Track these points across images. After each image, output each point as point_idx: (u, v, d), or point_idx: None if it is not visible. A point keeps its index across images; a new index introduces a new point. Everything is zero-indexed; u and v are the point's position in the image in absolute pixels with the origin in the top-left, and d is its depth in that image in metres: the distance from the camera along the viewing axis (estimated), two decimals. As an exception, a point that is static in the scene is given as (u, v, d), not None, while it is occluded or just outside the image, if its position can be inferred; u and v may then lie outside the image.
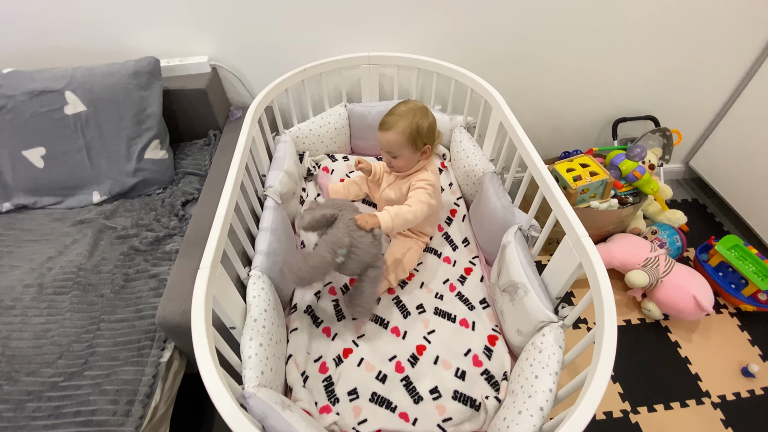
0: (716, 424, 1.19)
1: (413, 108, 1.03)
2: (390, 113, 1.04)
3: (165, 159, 1.27)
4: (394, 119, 1.01)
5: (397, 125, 1.00)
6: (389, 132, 1.01)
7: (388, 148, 1.04)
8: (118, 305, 0.98)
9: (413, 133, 1.01)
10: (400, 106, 1.04)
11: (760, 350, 1.34)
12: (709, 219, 1.82)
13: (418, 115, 1.02)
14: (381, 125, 1.03)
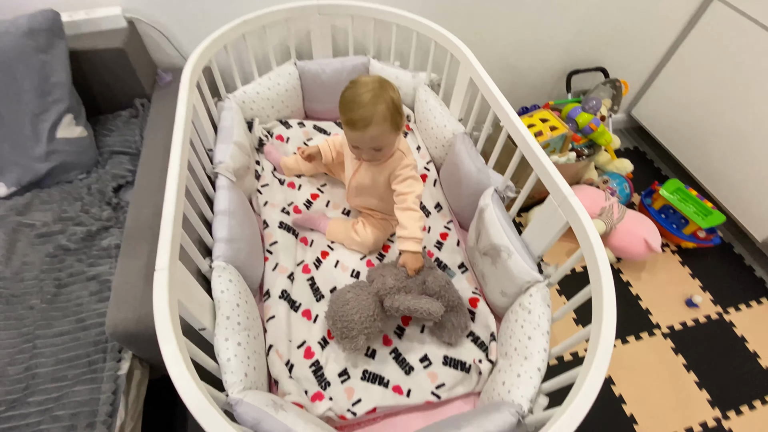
0: (668, 352, 1.33)
1: (375, 85, 0.84)
2: (355, 103, 0.82)
3: (84, 137, 1.06)
4: (368, 109, 0.81)
5: (376, 115, 0.81)
6: (370, 128, 0.82)
7: (372, 144, 0.86)
8: (55, 317, 0.83)
9: (393, 114, 0.84)
10: (358, 90, 0.83)
11: (700, 282, 1.50)
12: (649, 165, 1.95)
13: (387, 89, 0.84)
14: (355, 123, 0.83)
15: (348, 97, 0.84)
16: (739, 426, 1.18)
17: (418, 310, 0.80)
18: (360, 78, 0.87)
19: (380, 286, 0.85)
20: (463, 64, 1.07)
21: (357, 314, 0.81)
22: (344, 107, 0.85)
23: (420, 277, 0.88)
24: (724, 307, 1.43)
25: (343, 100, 0.85)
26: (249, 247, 0.93)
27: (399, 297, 0.83)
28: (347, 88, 0.86)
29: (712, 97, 1.59)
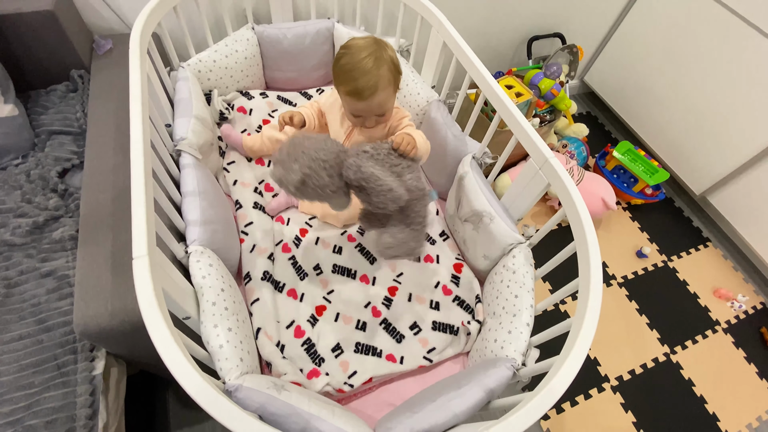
0: (623, 300, 1.46)
1: (373, 47, 0.76)
2: (357, 71, 0.74)
3: (15, 116, 0.92)
4: (373, 75, 0.74)
5: (381, 80, 0.75)
6: (377, 94, 0.75)
7: (378, 111, 0.80)
8: (9, 320, 0.74)
9: (395, 74, 0.78)
10: (358, 56, 0.75)
11: (648, 235, 1.64)
12: (600, 129, 2.06)
13: (384, 49, 0.77)
14: (361, 93, 0.75)
15: (347, 66, 0.75)
16: (685, 358, 1.34)
17: (381, 184, 0.66)
18: (353, 42, 0.78)
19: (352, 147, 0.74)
20: (436, 28, 1.04)
21: (311, 145, 0.66)
22: (345, 77, 0.76)
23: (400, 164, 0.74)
24: (668, 255, 1.59)
25: (342, 69, 0.76)
26: (224, 229, 0.87)
27: (366, 161, 0.69)
28: (342, 55, 0.77)
29: (656, 63, 1.69)
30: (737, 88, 1.43)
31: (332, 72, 0.79)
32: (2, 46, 0.89)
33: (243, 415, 0.47)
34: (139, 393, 1.02)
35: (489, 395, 0.65)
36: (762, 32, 1.32)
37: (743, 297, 1.48)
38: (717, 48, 1.46)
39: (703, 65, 1.52)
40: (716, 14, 1.43)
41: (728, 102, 1.47)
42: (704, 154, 1.59)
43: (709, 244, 1.65)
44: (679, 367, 1.32)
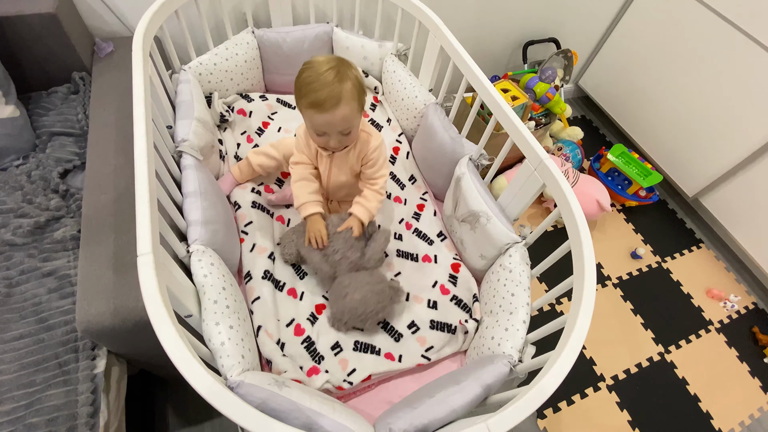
0: (618, 300, 1.48)
1: (335, 62, 0.77)
2: (319, 83, 0.74)
3: (16, 117, 0.93)
4: (336, 87, 0.74)
5: (344, 92, 0.74)
6: (340, 106, 0.75)
7: (342, 127, 0.79)
8: (10, 319, 0.75)
9: (360, 92, 0.78)
10: (319, 69, 0.75)
11: (642, 236, 1.67)
12: (595, 132, 2.09)
13: (348, 66, 0.78)
14: (322, 104, 0.74)
15: (309, 78, 0.75)
16: (679, 358, 1.36)
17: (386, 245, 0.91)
18: (315, 58, 0.78)
19: (350, 264, 0.88)
20: (433, 32, 1.06)
21: (378, 285, 0.84)
22: (306, 89, 0.75)
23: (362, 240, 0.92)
24: (662, 256, 1.61)
25: (304, 82, 0.76)
26: (225, 229, 0.88)
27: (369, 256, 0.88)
28: (303, 70, 0.77)
29: (648, 67, 1.72)
30: (727, 91, 1.46)
31: (294, 87, 0.79)
32: (4, 48, 0.90)
33: (249, 408, 0.48)
34: (139, 393, 1.02)
35: (486, 391, 0.67)
36: (750, 36, 1.35)
37: (735, 297, 1.51)
38: (707, 52, 1.49)
39: (694, 69, 1.55)
40: (706, 19, 1.46)
41: (719, 105, 1.50)
42: (697, 157, 1.62)
43: (702, 246, 1.68)
44: (673, 366, 1.34)
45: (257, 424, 0.47)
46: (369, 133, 0.91)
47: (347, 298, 0.83)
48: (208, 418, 1.07)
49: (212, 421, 1.07)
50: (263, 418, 0.47)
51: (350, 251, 0.87)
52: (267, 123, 1.23)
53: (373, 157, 0.90)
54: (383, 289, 0.86)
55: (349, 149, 0.90)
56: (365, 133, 0.90)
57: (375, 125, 1.28)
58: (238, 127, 1.21)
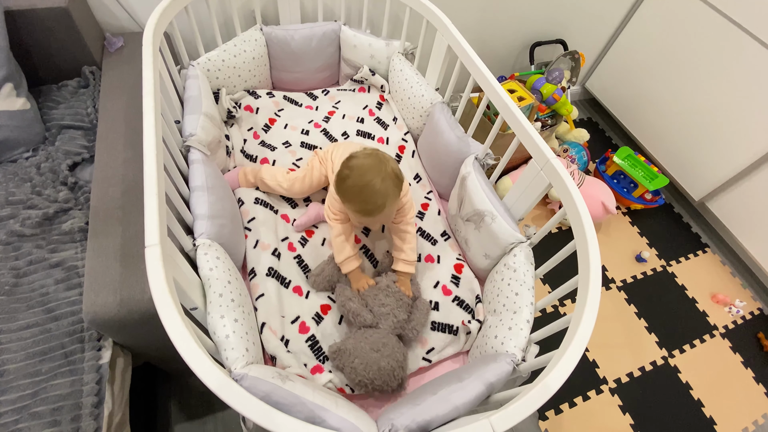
0: (622, 303, 1.47)
1: (375, 162, 0.80)
2: (367, 193, 0.78)
3: (27, 110, 0.94)
4: (380, 195, 0.78)
5: (388, 198, 0.79)
6: (385, 210, 0.81)
7: (383, 221, 0.91)
8: (18, 309, 0.76)
9: (398, 185, 0.82)
10: (366, 178, 0.78)
11: (647, 240, 1.66)
12: (601, 134, 2.08)
13: (386, 162, 0.81)
14: (371, 213, 0.80)
15: (355, 188, 0.79)
16: (683, 362, 1.35)
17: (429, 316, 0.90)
18: (357, 162, 0.81)
19: (396, 324, 0.84)
20: (441, 31, 1.06)
21: (402, 370, 0.80)
22: (354, 198, 0.80)
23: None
24: (667, 260, 1.60)
25: (350, 190, 0.80)
26: (231, 224, 0.89)
27: (414, 324, 0.85)
28: (347, 176, 0.80)
29: (656, 70, 1.72)
30: (735, 94, 1.45)
31: (337, 190, 0.82)
32: (16, 41, 0.91)
33: (254, 399, 0.48)
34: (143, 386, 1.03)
35: (489, 389, 0.66)
36: (759, 40, 1.34)
37: (741, 302, 1.50)
38: (716, 56, 1.48)
39: (702, 72, 1.54)
40: (714, 23, 1.45)
41: (727, 109, 1.49)
42: (703, 161, 1.61)
43: (707, 250, 1.67)
44: (677, 370, 1.33)
45: (262, 415, 0.47)
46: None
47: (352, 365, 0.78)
48: (211, 412, 1.07)
49: (215, 414, 1.07)
50: (268, 410, 0.48)
51: (399, 310, 0.85)
52: (273, 120, 1.24)
53: (403, 205, 0.92)
54: (387, 343, 0.80)
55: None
56: None
57: (381, 124, 1.28)
58: (245, 123, 1.21)
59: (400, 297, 0.86)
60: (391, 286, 0.87)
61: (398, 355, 0.79)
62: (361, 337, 0.80)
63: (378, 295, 0.86)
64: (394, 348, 0.79)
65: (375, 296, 0.86)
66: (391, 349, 0.79)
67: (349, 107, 1.30)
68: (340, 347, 0.80)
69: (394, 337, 0.82)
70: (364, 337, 0.80)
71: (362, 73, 1.30)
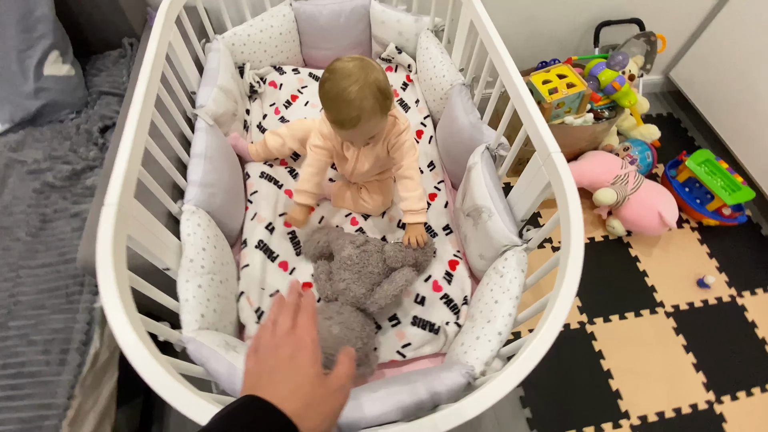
0: (668, 331, 1.26)
1: (357, 70, 0.74)
2: (340, 101, 0.73)
3: (71, 76, 1.05)
4: (354, 106, 0.73)
5: (364, 111, 0.73)
6: (361, 124, 0.75)
7: (365, 136, 0.81)
8: (38, 249, 0.87)
9: (382, 101, 0.75)
10: (342, 84, 0.73)
11: (717, 263, 1.39)
12: (681, 134, 1.77)
13: (370, 71, 0.74)
14: (343, 124, 0.76)
15: (331, 93, 0.74)
16: (732, 411, 1.12)
17: (400, 291, 0.79)
18: (339, 64, 0.75)
19: (352, 299, 0.79)
20: (465, 5, 0.96)
21: (359, 341, 0.75)
22: (328, 104, 0.76)
23: (375, 261, 0.84)
24: (738, 290, 1.33)
25: (326, 96, 0.76)
26: (225, 194, 0.91)
27: (378, 296, 0.79)
28: (326, 78, 0.75)
29: (760, 62, 1.39)
30: None
31: (319, 94, 0.78)
32: (66, 13, 1.02)
33: (155, 364, 0.48)
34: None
35: (434, 399, 0.61)
36: None
37: (835, 355, 1.20)
38: None
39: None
40: None
41: None
42: (809, 174, 1.29)
43: (798, 285, 1.35)
44: (722, 419, 1.11)
45: (155, 381, 0.47)
46: (396, 116, 0.87)
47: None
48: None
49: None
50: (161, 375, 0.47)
51: (356, 284, 0.80)
52: (296, 96, 1.25)
53: (398, 140, 0.87)
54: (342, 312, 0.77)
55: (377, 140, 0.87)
56: (392, 117, 0.86)
57: (403, 105, 1.22)
58: (268, 98, 1.24)
59: (359, 270, 0.82)
60: (353, 257, 0.83)
61: (354, 324, 0.75)
62: (321, 310, 0.79)
63: (339, 269, 0.83)
64: (350, 317, 0.76)
65: (338, 269, 0.84)
66: (346, 317, 0.76)
67: (373, 87, 1.26)
68: None
69: (352, 309, 0.79)
70: (322, 309, 0.79)
71: (388, 51, 1.25)
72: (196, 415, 0.45)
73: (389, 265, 0.85)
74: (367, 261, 0.83)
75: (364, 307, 0.80)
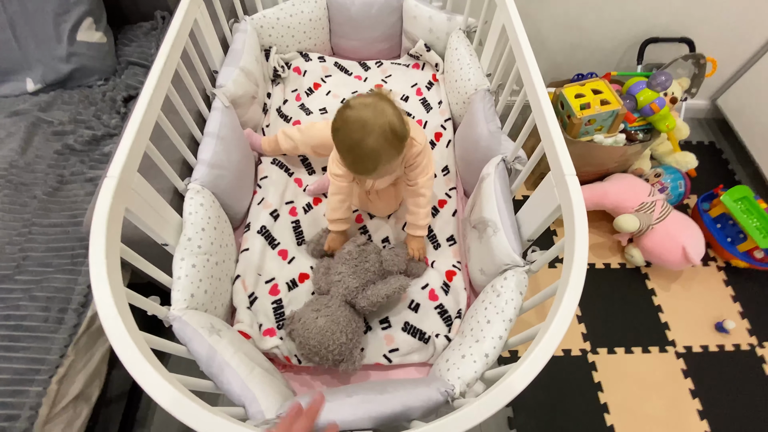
0: (676, 372, 1.19)
1: (370, 114, 0.70)
2: (354, 152, 0.72)
3: (103, 43, 1.08)
4: (369, 158, 0.71)
5: (379, 159, 0.71)
6: (376, 171, 0.74)
7: (380, 178, 0.85)
8: (52, 209, 0.90)
9: (396, 144, 0.72)
10: (357, 135, 0.70)
11: (741, 307, 1.30)
12: (722, 165, 1.66)
13: (383, 114, 0.70)
14: (358, 171, 0.75)
15: (345, 144, 0.72)
16: (734, 467, 1.06)
17: (393, 293, 0.78)
18: (351, 113, 0.71)
19: (344, 291, 0.79)
20: (499, 7, 0.92)
21: (343, 335, 0.74)
22: (344, 155, 0.74)
23: (373, 260, 0.84)
24: (760, 340, 1.24)
25: (341, 146, 0.74)
26: (233, 177, 0.92)
27: (371, 292, 0.78)
28: (339, 128, 0.72)
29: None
30: None
31: (333, 139, 0.75)
32: (103, -18, 1.04)
33: (133, 348, 0.48)
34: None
35: (408, 413, 0.59)
36: None
37: None
38: None
39: None
40: None
41: None
42: None
43: (830, 344, 1.25)
44: (721, 475, 1.05)
45: (125, 353, 0.47)
46: (413, 138, 0.82)
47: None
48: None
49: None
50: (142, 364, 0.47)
51: (351, 278, 0.80)
52: (318, 84, 1.24)
53: (415, 161, 0.84)
54: (329, 305, 0.77)
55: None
56: (409, 139, 0.81)
57: (425, 106, 1.19)
58: (291, 84, 1.23)
59: (355, 264, 0.82)
60: (352, 253, 0.83)
61: (340, 318, 0.75)
62: (310, 302, 0.80)
63: (337, 263, 0.84)
64: (337, 311, 0.76)
65: (336, 264, 0.84)
66: (333, 311, 0.75)
67: (398, 83, 1.23)
68: (294, 314, 0.79)
69: (341, 303, 0.78)
70: (311, 302, 0.80)
71: (417, 48, 1.22)
72: (159, 396, 0.45)
73: (385, 268, 0.85)
74: (365, 258, 0.84)
75: (354, 301, 0.79)
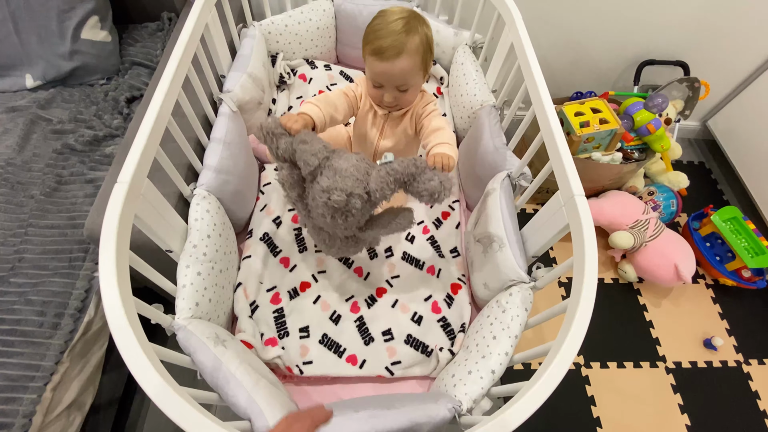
0: (666, 387, 1.22)
1: (408, 14, 0.74)
2: (385, 30, 0.71)
3: (107, 42, 1.06)
4: (401, 37, 0.70)
5: (408, 44, 0.71)
6: (401, 57, 0.71)
7: (399, 81, 0.75)
8: (49, 210, 0.87)
9: (425, 50, 0.74)
10: (389, 18, 0.73)
11: (728, 325, 1.34)
12: (711, 185, 1.71)
13: (421, 23, 0.75)
14: (384, 52, 0.71)
15: (377, 26, 0.74)
16: (721, 483, 1.08)
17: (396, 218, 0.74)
18: (390, 8, 0.77)
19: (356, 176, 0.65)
20: (508, 26, 0.94)
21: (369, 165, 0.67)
22: (372, 35, 0.74)
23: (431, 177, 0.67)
24: (746, 357, 1.28)
25: (371, 29, 0.75)
26: (239, 182, 0.91)
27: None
28: (375, 17, 0.76)
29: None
30: None
31: (364, 37, 0.77)
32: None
33: (145, 361, 0.47)
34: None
35: (415, 429, 0.59)
36: None
37: (839, 442, 1.14)
38: None
39: None
40: None
41: None
42: (841, 250, 1.23)
43: (812, 362, 1.29)
44: (708, 490, 1.07)
45: (137, 366, 0.46)
46: (424, 91, 0.85)
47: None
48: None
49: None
50: (151, 372, 0.47)
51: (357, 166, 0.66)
52: (323, 92, 1.23)
53: (426, 108, 0.83)
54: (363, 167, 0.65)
55: (404, 111, 0.84)
56: (423, 93, 0.85)
57: (429, 118, 1.20)
58: (296, 90, 1.23)
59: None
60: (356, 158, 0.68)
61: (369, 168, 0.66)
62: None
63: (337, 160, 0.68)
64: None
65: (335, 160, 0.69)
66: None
67: (402, 95, 1.24)
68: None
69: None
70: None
71: (423, 61, 1.22)
72: (170, 411, 0.45)
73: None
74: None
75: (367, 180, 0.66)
